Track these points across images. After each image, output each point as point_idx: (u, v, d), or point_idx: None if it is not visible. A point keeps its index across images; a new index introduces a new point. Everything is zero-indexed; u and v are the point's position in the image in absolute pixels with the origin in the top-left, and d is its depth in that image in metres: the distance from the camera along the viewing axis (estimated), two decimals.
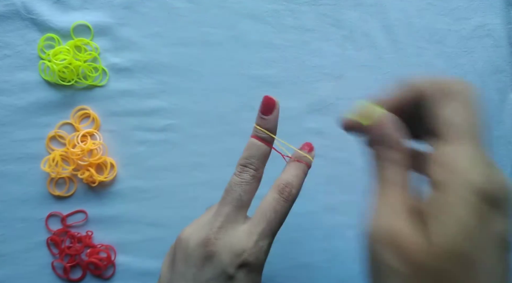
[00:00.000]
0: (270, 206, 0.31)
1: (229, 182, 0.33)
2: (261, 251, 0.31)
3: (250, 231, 0.31)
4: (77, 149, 0.46)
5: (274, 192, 0.32)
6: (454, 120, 0.23)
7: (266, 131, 0.33)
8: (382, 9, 0.49)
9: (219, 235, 0.31)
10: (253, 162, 0.33)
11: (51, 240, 0.47)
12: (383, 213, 0.23)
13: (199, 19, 0.48)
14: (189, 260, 0.31)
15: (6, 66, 0.46)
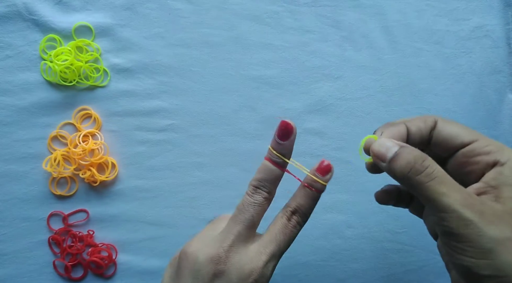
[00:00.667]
0: (280, 229, 0.32)
1: (241, 201, 0.33)
2: (268, 272, 0.32)
3: (260, 252, 0.31)
4: (79, 149, 0.46)
5: (284, 217, 0.33)
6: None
7: (280, 156, 0.32)
8: (381, 10, 0.49)
9: (229, 253, 0.31)
10: (266, 185, 0.33)
11: (53, 239, 0.47)
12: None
13: (200, 20, 0.48)
14: (197, 276, 0.31)
15: (8, 67, 0.47)
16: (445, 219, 0.24)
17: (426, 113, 0.50)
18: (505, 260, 0.23)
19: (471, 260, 0.23)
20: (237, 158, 0.49)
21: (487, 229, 0.23)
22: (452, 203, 0.24)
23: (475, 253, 0.23)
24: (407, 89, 0.50)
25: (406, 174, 0.26)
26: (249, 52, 0.49)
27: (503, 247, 0.23)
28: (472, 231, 0.23)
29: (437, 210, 0.24)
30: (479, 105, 0.50)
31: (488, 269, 0.23)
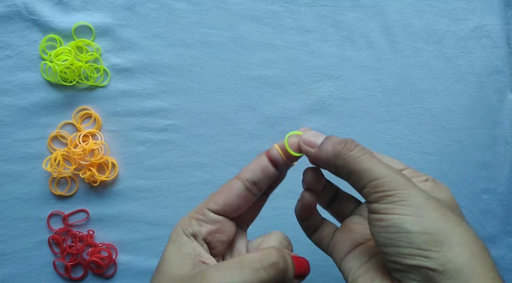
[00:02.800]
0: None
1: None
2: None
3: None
4: (79, 149, 0.46)
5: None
6: None
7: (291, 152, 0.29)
8: (381, 10, 0.49)
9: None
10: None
11: (53, 239, 0.47)
12: None
13: (200, 20, 0.48)
14: None
15: (8, 67, 0.47)
16: (380, 185, 0.25)
17: (426, 113, 0.50)
18: (434, 217, 0.24)
19: (402, 217, 0.24)
20: (237, 158, 0.49)
21: (417, 189, 0.25)
22: (385, 170, 0.25)
23: (408, 210, 0.24)
24: (407, 89, 0.50)
25: (339, 152, 0.27)
26: (249, 52, 0.49)
27: (431, 204, 0.24)
28: (405, 191, 0.24)
29: (371, 179, 0.25)
30: (479, 105, 0.50)
31: (418, 225, 0.24)
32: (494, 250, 0.49)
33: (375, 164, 0.26)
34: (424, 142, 0.50)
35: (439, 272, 0.22)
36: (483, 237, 0.49)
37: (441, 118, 0.50)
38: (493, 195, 0.50)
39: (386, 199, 0.25)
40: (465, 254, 0.23)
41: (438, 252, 0.23)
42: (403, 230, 0.24)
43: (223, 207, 0.29)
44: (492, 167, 0.50)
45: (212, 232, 0.28)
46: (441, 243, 0.23)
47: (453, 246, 0.23)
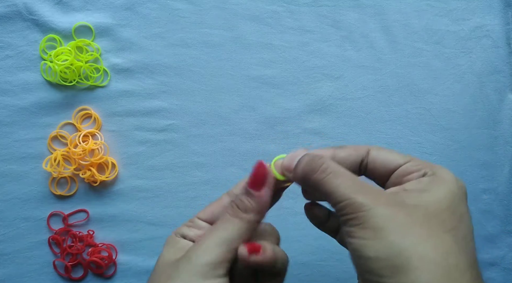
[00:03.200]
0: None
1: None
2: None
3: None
4: (79, 149, 0.46)
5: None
6: None
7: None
8: (381, 10, 0.49)
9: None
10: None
11: (53, 239, 0.47)
12: None
13: (200, 20, 0.48)
14: None
15: (8, 67, 0.47)
16: (342, 208, 0.24)
17: (426, 113, 0.50)
18: (391, 239, 0.22)
19: (361, 241, 0.23)
20: (237, 158, 0.49)
21: (379, 209, 0.23)
22: (347, 191, 0.24)
23: (366, 233, 0.23)
24: (407, 89, 0.50)
25: (306, 175, 0.26)
26: (249, 52, 0.49)
27: (393, 223, 0.23)
28: (364, 213, 0.23)
29: (335, 202, 0.24)
30: (479, 105, 0.50)
31: (374, 250, 0.22)
32: (494, 250, 0.50)
33: (338, 185, 0.25)
34: (424, 142, 0.50)
35: None
36: (483, 237, 0.50)
37: (441, 118, 0.50)
38: (493, 195, 0.50)
39: (349, 222, 0.24)
40: (424, 278, 0.21)
41: (394, 278, 0.21)
42: (362, 255, 0.23)
43: (210, 216, 0.31)
44: (492, 167, 0.50)
45: (199, 236, 0.29)
46: (397, 269, 0.21)
47: (410, 270, 0.21)
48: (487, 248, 0.49)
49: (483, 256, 0.49)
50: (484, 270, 0.49)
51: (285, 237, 0.48)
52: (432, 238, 0.22)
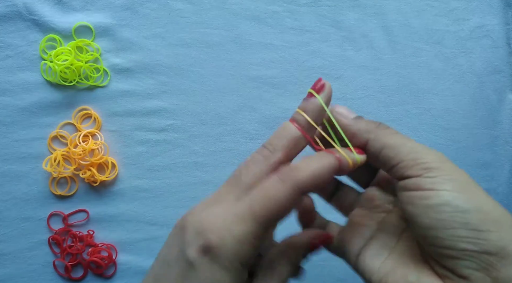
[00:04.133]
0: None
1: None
2: (232, 237, 0.22)
3: (226, 210, 0.23)
4: (79, 149, 0.46)
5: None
6: None
7: (310, 120, 0.27)
8: (380, 10, 0.49)
9: (195, 210, 0.25)
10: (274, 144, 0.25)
11: (53, 239, 0.47)
12: None
13: (200, 20, 0.48)
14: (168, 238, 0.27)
15: (8, 67, 0.47)
16: (420, 157, 0.23)
17: (426, 113, 0.50)
18: (483, 195, 0.22)
19: (453, 193, 0.21)
20: (237, 158, 0.49)
21: (456, 166, 0.23)
22: (422, 146, 0.23)
23: (457, 186, 0.22)
24: (407, 89, 0.50)
25: (373, 127, 0.25)
26: (249, 52, 0.49)
27: (474, 184, 0.23)
28: (447, 164, 0.23)
29: (409, 151, 0.23)
30: (479, 105, 0.50)
31: (471, 202, 0.21)
32: None
33: (410, 140, 0.24)
34: (424, 142, 0.49)
35: (500, 257, 0.20)
36: None
37: (441, 118, 0.50)
38: (493, 195, 0.50)
39: (432, 172, 0.22)
40: None
41: (497, 233, 0.20)
42: (456, 208, 0.21)
43: None
44: (492, 167, 0.50)
45: None
46: (499, 223, 0.20)
47: (510, 226, 0.20)
48: None
49: None
50: None
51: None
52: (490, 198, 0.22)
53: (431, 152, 0.23)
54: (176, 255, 0.24)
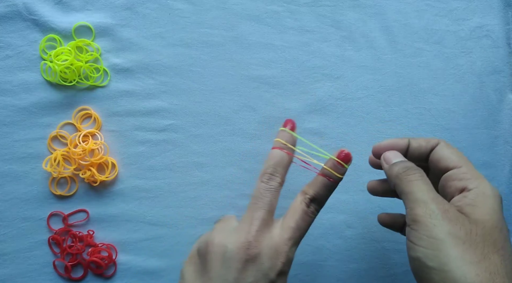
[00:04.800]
0: (300, 216, 0.33)
1: (257, 188, 0.34)
2: (293, 256, 0.33)
3: (285, 237, 0.32)
4: (79, 149, 0.46)
5: (303, 204, 0.34)
6: None
7: (289, 145, 0.36)
8: (381, 10, 0.49)
9: (258, 238, 0.31)
10: (279, 171, 0.35)
11: (53, 239, 0.47)
12: None
13: (200, 20, 0.48)
14: (229, 265, 0.31)
15: (7, 67, 0.47)
16: (415, 207, 0.28)
17: (426, 113, 0.50)
18: (451, 254, 0.25)
19: (423, 250, 0.26)
20: (237, 158, 0.49)
21: (445, 222, 0.26)
22: (425, 197, 0.28)
23: (428, 243, 0.26)
24: (407, 89, 0.50)
25: (400, 173, 0.31)
26: (249, 52, 0.49)
27: (452, 242, 0.26)
28: (432, 221, 0.27)
29: (411, 200, 0.29)
30: (479, 105, 0.50)
31: (434, 261, 0.25)
32: None
33: (420, 190, 0.29)
34: None
35: None
36: None
37: (441, 118, 0.50)
38: None
39: (415, 226, 0.27)
40: None
41: None
42: (423, 264, 0.26)
43: None
44: (492, 167, 0.50)
45: None
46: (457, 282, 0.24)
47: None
48: None
49: None
50: None
51: None
52: (485, 261, 0.25)
53: (428, 205, 0.28)
54: (257, 278, 0.31)
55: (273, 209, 0.34)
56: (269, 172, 0.34)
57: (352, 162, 0.47)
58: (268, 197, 0.33)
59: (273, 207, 0.34)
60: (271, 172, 0.34)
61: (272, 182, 0.34)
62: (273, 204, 0.34)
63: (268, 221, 0.33)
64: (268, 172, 0.34)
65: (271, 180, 0.34)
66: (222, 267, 0.31)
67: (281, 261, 0.31)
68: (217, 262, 0.31)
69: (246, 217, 0.33)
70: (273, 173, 0.34)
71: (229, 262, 0.31)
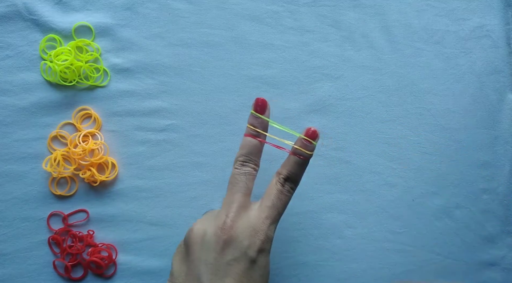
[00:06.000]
0: (276, 195, 0.35)
1: (231, 175, 0.36)
2: (272, 234, 0.34)
3: (262, 216, 0.34)
4: (79, 149, 0.46)
5: (278, 184, 0.36)
6: None
7: (259, 131, 0.37)
8: (381, 10, 0.49)
9: (235, 220, 0.33)
10: (252, 158, 0.36)
11: (53, 239, 0.47)
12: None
13: (200, 20, 0.48)
14: (208, 247, 0.33)
15: (8, 67, 0.47)
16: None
17: (426, 113, 0.50)
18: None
19: None
20: None
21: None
22: None
23: None
24: (407, 89, 0.50)
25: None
26: (249, 52, 0.49)
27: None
28: None
29: None
30: (479, 105, 0.50)
31: None
32: (494, 250, 0.50)
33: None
34: (424, 142, 0.50)
35: None
36: (483, 237, 0.50)
37: (441, 118, 0.50)
38: (493, 195, 0.50)
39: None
40: None
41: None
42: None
43: None
44: (492, 167, 0.50)
45: None
46: None
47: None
48: (487, 248, 0.49)
49: (483, 256, 0.49)
50: (484, 270, 0.49)
51: (285, 238, 0.48)
52: None
53: None
54: (236, 256, 0.32)
55: (249, 192, 0.36)
56: (242, 159, 0.36)
57: (352, 162, 0.47)
58: (243, 180, 0.35)
59: (249, 190, 0.36)
60: (243, 159, 0.36)
61: (245, 167, 0.36)
62: (248, 187, 0.36)
63: (245, 203, 0.35)
64: (241, 159, 0.37)
65: (244, 166, 0.36)
66: (202, 250, 0.33)
67: (259, 238, 0.33)
68: (197, 245, 0.33)
69: (224, 203, 0.35)
70: (245, 160, 0.36)
71: (208, 244, 0.33)
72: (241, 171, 0.36)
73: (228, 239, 0.33)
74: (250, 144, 0.37)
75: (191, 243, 0.34)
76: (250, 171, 0.36)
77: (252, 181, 0.36)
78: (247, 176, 0.36)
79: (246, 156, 0.37)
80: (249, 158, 0.37)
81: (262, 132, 0.37)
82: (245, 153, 0.37)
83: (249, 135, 0.37)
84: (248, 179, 0.36)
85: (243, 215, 0.34)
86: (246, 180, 0.36)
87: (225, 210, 0.34)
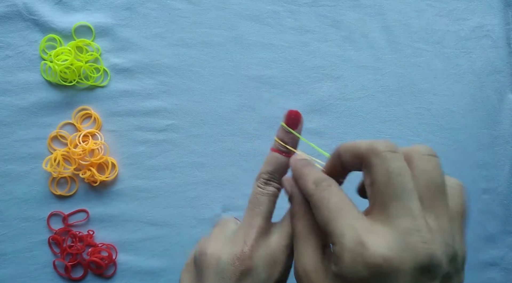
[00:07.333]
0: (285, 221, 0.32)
1: (253, 193, 0.33)
2: (291, 263, 0.31)
3: (282, 244, 0.31)
4: (79, 149, 0.46)
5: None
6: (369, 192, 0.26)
7: (289, 147, 0.34)
8: (380, 10, 0.49)
9: (254, 249, 0.31)
10: (276, 177, 0.33)
11: (53, 239, 0.47)
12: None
13: (200, 20, 0.48)
14: (223, 275, 0.30)
15: (8, 67, 0.47)
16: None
17: (426, 113, 0.50)
18: None
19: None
20: (237, 158, 0.49)
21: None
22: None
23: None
24: (407, 89, 0.50)
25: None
26: (249, 52, 0.49)
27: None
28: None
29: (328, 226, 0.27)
30: (479, 105, 0.50)
31: None
32: (494, 250, 0.50)
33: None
34: (424, 142, 0.50)
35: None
36: (483, 237, 0.50)
37: (441, 118, 0.50)
38: (493, 195, 0.50)
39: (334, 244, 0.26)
40: None
41: None
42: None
43: None
44: (492, 167, 0.50)
45: None
46: None
47: None
48: (487, 248, 0.49)
49: (483, 256, 0.49)
50: (484, 270, 0.49)
51: None
52: None
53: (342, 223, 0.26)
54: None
55: (270, 215, 0.33)
56: (266, 178, 0.33)
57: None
58: (265, 202, 0.32)
59: (271, 213, 0.33)
60: (267, 178, 0.33)
61: (269, 186, 0.33)
62: (270, 209, 0.33)
63: (265, 229, 0.32)
64: (265, 177, 0.33)
65: (267, 184, 0.33)
66: (216, 277, 0.31)
67: (278, 270, 0.31)
68: (211, 272, 0.31)
69: (243, 225, 0.32)
70: (270, 178, 0.33)
71: (223, 273, 0.30)
72: (264, 191, 0.33)
73: (245, 270, 0.30)
74: (278, 161, 0.34)
75: (204, 268, 0.31)
76: (274, 191, 0.33)
77: (274, 202, 0.33)
78: (270, 196, 0.33)
79: (271, 174, 0.33)
80: (274, 176, 0.33)
81: (292, 149, 0.34)
82: (271, 170, 0.33)
83: (276, 151, 0.34)
84: (270, 201, 0.33)
85: (262, 242, 0.31)
86: (268, 202, 0.33)
87: (243, 235, 0.31)
